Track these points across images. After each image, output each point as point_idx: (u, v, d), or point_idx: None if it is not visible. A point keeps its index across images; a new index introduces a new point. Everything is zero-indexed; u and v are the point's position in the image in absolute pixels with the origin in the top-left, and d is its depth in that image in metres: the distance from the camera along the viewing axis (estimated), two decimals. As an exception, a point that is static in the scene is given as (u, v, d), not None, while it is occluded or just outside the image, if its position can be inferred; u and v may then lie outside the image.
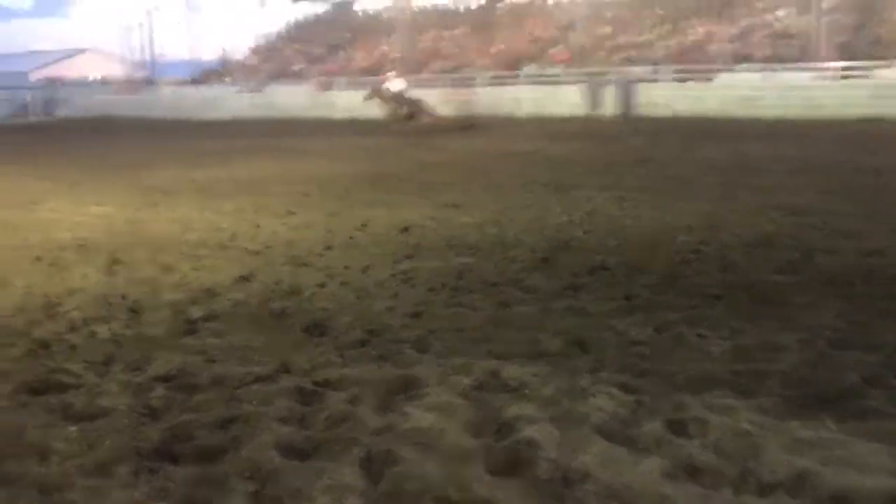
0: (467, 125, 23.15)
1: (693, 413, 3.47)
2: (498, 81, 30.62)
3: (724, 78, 26.06)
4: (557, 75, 29.88)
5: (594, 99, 25.06)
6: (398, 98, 23.69)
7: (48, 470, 3.16)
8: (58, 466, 3.18)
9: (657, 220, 8.48)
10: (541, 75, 30.65)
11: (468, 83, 30.98)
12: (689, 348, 4.42)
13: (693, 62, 27.63)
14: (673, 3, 33.59)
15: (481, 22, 39.43)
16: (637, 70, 27.54)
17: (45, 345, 4.79)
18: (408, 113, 23.43)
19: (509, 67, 32.21)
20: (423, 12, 43.73)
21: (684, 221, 8.26)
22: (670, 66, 27.50)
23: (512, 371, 4.05)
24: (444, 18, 42.06)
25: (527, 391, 3.78)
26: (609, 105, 24.63)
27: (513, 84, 30.03)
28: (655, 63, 28.52)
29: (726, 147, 15.91)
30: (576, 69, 29.31)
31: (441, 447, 3.21)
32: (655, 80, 26.77)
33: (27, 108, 40.24)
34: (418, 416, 3.51)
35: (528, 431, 3.29)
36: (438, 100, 28.71)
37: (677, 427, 3.36)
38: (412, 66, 34.90)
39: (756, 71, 25.74)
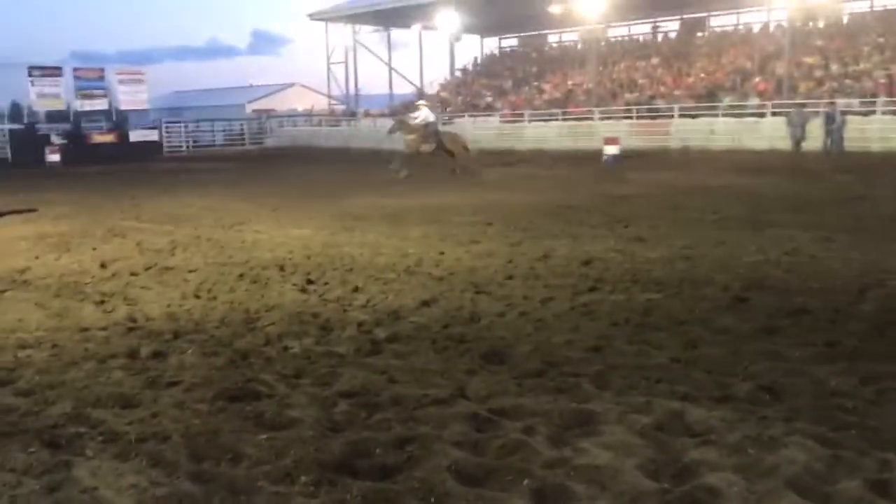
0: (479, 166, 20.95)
1: (901, 475, 3.12)
2: (693, 112, 29.64)
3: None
4: (758, 106, 28.46)
5: (798, 132, 23.56)
6: (426, 131, 20.92)
7: (238, 473, 3.36)
8: (247, 470, 3.38)
9: (867, 262, 7.78)
10: (740, 106, 29.33)
11: (662, 114, 30.25)
12: (899, 404, 3.99)
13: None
14: (894, 29, 31.05)
15: (677, 51, 38.45)
16: (847, 102, 25.65)
17: (244, 356, 5.14)
18: (434, 148, 20.72)
19: (705, 98, 31.10)
20: (617, 43, 43.38)
21: (898, 265, 7.53)
22: (888, 98, 25.33)
23: (696, 414, 3.85)
24: (639, 48, 41.43)
25: (711, 436, 3.57)
26: (815, 139, 23.07)
27: (708, 115, 28.95)
28: (870, 94, 26.39)
29: (952, 185, 14.41)
30: (779, 100, 27.78)
31: (615, 486, 3.10)
32: (870, 113, 24.76)
33: (243, 137, 43.93)
34: (593, 452, 3.41)
35: (711, 478, 3.10)
36: (630, 131, 28.28)
37: (881, 488, 3.03)
38: (603, 97, 34.61)
39: None
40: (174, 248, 9.70)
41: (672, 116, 29.35)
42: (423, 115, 21.25)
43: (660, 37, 42.79)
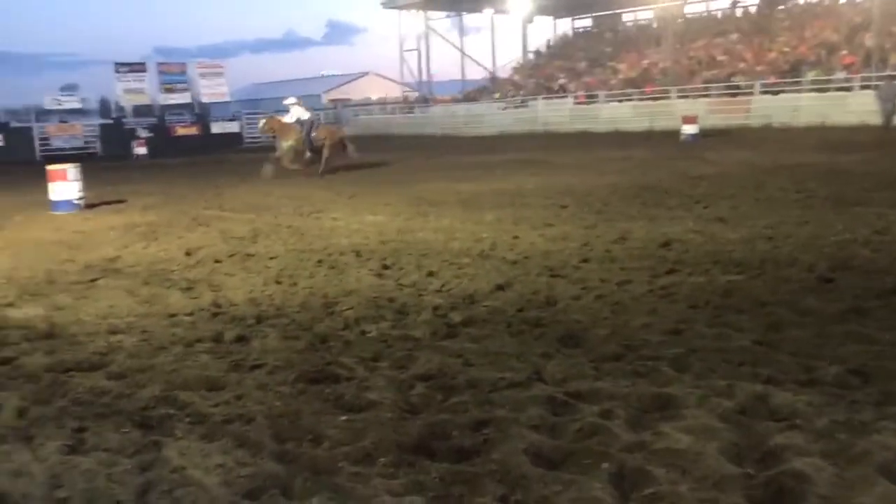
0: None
1: None
2: (775, 89, 28.65)
3: None
4: (845, 80, 27.30)
5: (889, 106, 22.52)
6: (301, 134, 18.48)
7: (320, 453, 3.44)
8: (328, 451, 3.46)
9: (964, 239, 7.41)
10: (825, 81, 28.19)
11: (742, 92, 29.36)
12: None
13: None
14: None
15: (758, 26, 37.18)
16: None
17: (323, 339, 5.24)
18: (311, 150, 18.50)
19: (788, 74, 30.01)
20: (694, 19, 42.23)
21: None
22: None
23: (781, 398, 3.74)
24: (717, 24, 40.24)
25: (797, 420, 3.47)
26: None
27: (792, 91, 27.93)
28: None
29: None
30: (867, 73, 26.58)
31: (697, 471, 3.04)
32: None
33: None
34: (674, 436, 3.36)
35: (797, 463, 3.02)
36: (709, 110, 27.54)
37: (982, 476, 2.89)
38: (680, 76, 33.78)
39: None
40: (255, 235, 9.94)
41: (752, 93, 28.45)
42: (296, 113, 18.82)
43: (739, 11, 41.44)
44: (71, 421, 3.87)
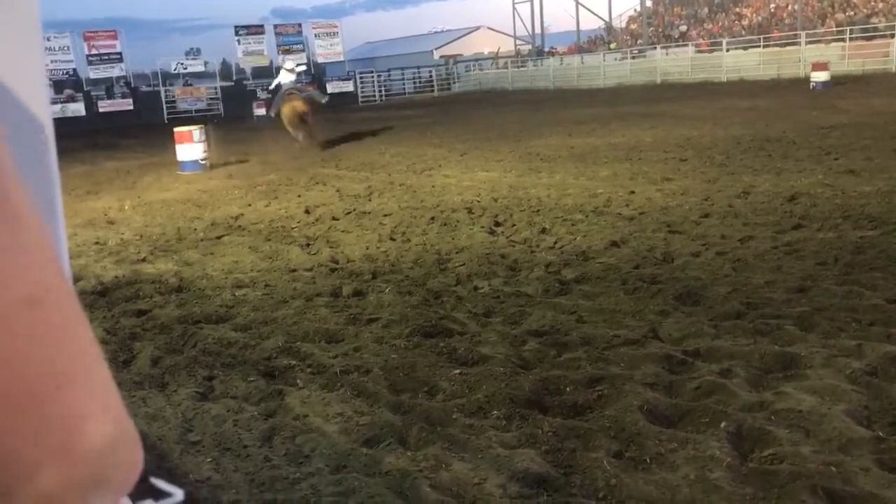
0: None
1: None
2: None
3: None
4: None
5: None
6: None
7: (434, 405, 3.51)
8: (443, 403, 3.53)
9: None
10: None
11: (880, 34, 27.37)
12: None
13: None
14: None
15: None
16: None
17: (436, 295, 5.32)
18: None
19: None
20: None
21: None
22: None
23: (916, 359, 3.53)
24: (852, -37, 37.49)
25: (934, 384, 3.27)
26: None
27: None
28: None
29: None
30: None
31: (821, 433, 2.93)
32: None
33: (431, 84, 44.71)
34: (797, 396, 3.24)
35: (934, 429, 2.85)
36: (842, 55, 25.93)
37: None
38: (811, 19, 31.82)
39: None
40: (370, 193, 10.12)
41: (892, 36, 26.45)
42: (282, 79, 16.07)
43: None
44: (201, 369, 4.11)
